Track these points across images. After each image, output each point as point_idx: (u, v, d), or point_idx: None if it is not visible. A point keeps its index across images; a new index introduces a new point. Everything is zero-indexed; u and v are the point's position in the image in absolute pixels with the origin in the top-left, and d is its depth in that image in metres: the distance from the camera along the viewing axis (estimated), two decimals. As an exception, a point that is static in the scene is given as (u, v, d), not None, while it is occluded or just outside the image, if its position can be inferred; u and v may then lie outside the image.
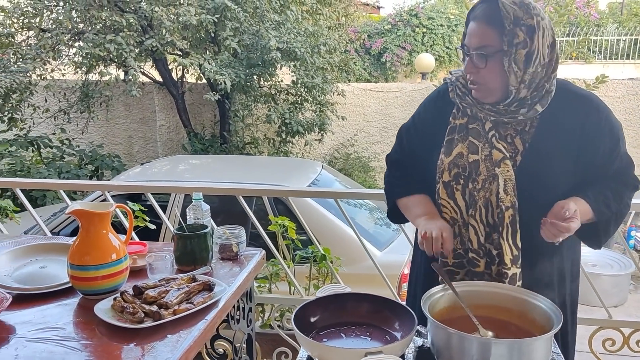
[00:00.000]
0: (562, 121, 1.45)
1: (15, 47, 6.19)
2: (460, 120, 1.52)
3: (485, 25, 1.40)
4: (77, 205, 1.46)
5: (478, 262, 1.49)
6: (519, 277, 1.45)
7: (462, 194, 1.49)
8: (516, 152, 1.46)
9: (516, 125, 1.47)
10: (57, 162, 6.69)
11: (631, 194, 1.52)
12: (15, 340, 1.26)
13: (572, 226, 1.33)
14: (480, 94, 1.46)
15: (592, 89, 6.24)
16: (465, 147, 1.49)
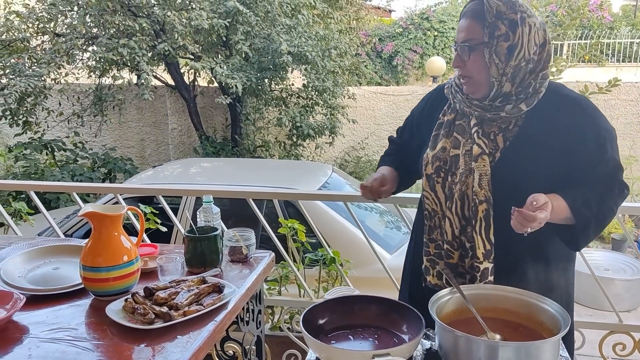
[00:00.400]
0: (548, 122, 1.47)
1: (30, 51, 6.26)
2: (449, 116, 1.59)
3: (470, 20, 1.47)
4: (89, 208, 1.48)
5: (452, 254, 1.54)
6: (490, 272, 1.48)
7: (442, 187, 1.55)
8: (496, 149, 1.50)
9: (501, 123, 1.51)
10: (71, 165, 6.76)
11: (617, 199, 1.50)
12: (29, 340, 1.28)
13: (539, 216, 1.31)
14: (469, 88, 1.51)
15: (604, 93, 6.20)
16: (449, 142, 1.55)
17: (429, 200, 1.58)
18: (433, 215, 1.58)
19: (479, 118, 1.51)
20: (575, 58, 9.98)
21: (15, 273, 1.59)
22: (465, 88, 1.52)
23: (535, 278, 1.51)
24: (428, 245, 1.59)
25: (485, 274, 1.48)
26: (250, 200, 2.61)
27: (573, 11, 6.63)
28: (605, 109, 7.37)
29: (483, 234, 1.47)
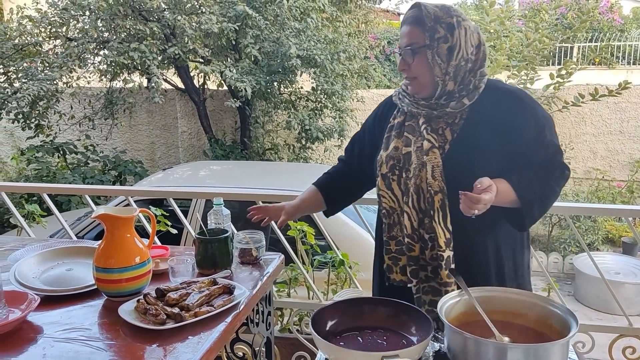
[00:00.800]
0: (489, 113, 1.58)
1: (42, 55, 6.31)
2: (398, 119, 1.69)
3: (410, 26, 1.59)
4: (102, 210, 1.51)
5: (413, 247, 1.62)
6: (452, 259, 1.56)
7: (398, 184, 1.63)
8: (445, 142, 1.59)
9: (447, 118, 1.62)
10: (82, 168, 6.81)
11: (559, 180, 1.61)
12: (43, 340, 1.30)
13: (483, 197, 1.41)
14: (414, 89, 1.62)
15: (614, 95, 6.17)
16: (400, 142, 1.65)
17: (385, 199, 1.67)
18: (391, 213, 1.66)
19: (427, 117, 1.63)
20: (586, 61, 9.92)
21: (29, 274, 1.61)
22: (411, 89, 1.64)
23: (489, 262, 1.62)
24: (389, 243, 1.68)
25: (448, 262, 1.57)
26: (261, 203, 2.62)
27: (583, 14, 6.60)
28: (616, 111, 7.32)
29: (442, 223, 1.57)
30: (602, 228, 6.46)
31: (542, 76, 6.54)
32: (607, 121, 7.40)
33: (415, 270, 1.62)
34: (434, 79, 1.58)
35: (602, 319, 4.72)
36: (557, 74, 6.39)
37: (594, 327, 2.48)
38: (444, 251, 1.56)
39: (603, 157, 7.48)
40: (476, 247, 1.61)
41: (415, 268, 1.62)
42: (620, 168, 7.46)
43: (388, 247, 1.67)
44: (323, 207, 1.94)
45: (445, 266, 1.56)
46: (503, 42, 6.33)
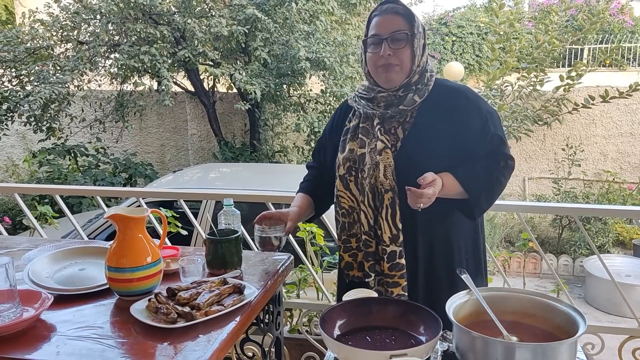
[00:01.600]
0: (437, 110, 1.66)
1: (54, 59, 6.39)
2: (353, 122, 1.75)
3: (395, 15, 1.64)
4: (114, 210, 1.52)
5: (370, 243, 1.69)
6: (399, 255, 1.63)
7: (355, 184, 1.69)
8: (397, 140, 1.65)
9: (399, 117, 1.68)
10: (93, 170, 6.87)
11: (504, 170, 1.67)
12: (57, 338, 1.32)
13: (426, 192, 1.49)
14: (395, 76, 1.65)
15: (625, 97, 6.13)
16: (355, 144, 1.71)
17: (344, 199, 1.73)
18: (351, 212, 1.73)
19: (381, 117, 1.68)
20: (596, 62, 9.87)
21: (42, 273, 1.63)
22: (387, 76, 1.65)
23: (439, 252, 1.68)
24: (349, 240, 1.74)
25: (392, 256, 1.63)
26: (270, 204, 2.64)
27: (593, 15, 6.57)
28: (626, 113, 7.28)
29: (389, 220, 1.63)
30: (612, 230, 6.42)
31: (552, 78, 6.52)
32: (617, 123, 7.36)
33: (372, 265, 1.69)
34: (411, 68, 1.65)
35: (612, 321, 4.69)
36: (567, 75, 6.37)
37: (603, 329, 2.48)
38: (388, 246, 1.63)
39: (614, 159, 7.44)
40: (425, 241, 1.67)
41: (373, 263, 1.69)
42: (631, 170, 7.41)
43: (348, 245, 1.74)
44: (313, 211, 1.96)
45: (389, 260, 1.64)
46: (512, 44, 6.32)
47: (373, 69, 1.68)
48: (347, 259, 1.75)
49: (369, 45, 1.67)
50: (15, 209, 6.87)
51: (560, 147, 7.34)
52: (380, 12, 1.67)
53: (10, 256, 1.44)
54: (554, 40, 6.21)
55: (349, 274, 1.76)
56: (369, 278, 1.71)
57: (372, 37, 1.66)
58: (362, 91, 1.76)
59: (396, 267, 1.64)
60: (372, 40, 1.66)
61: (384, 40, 1.62)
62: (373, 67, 1.68)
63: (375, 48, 1.65)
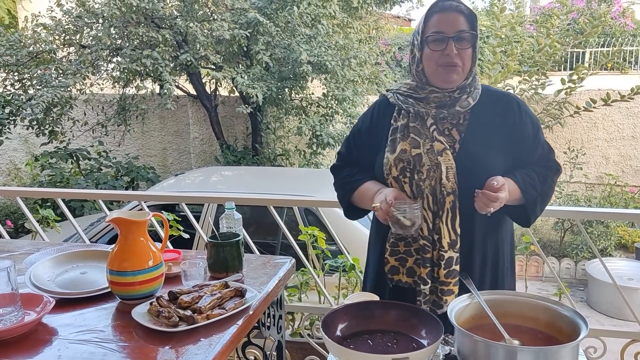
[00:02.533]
0: (490, 114, 1.65)
1: (56, 62, 6.40)
2: (402, 121, 1.67)
3: (457, 14, 1.59)
4: (116, 214, 1.53)
5: (428, 248, 1.61)
6: (455, 261, 1.58)
7: (410, 186, 1.62)
8: (454, 142, 1.62)
9: (451, 119, 1.65)
10: (95, 174, 6.88)
11: (554, 176, 1.70)
12: (58, 342, 1.32)
13: (500, 196, 1.48)
14: (456, 77, 1.61)
15: (627, 100, 6.13)
16: (407, 144, 1.63)
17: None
18: None
19: (435, 117, 1.63)
20: (598, 66, 9.87)
21: (44, 277, 1.63)
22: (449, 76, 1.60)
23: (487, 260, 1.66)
24: (396, 244, 1.66)
25: (449, 263, 1.59)
26: (271, 208, 2.64)
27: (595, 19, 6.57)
28: (628, 116, 7.27)
29: (449, 224, 1.58)
30: (614, 233, 6.41)
31: (554, 81, 6.52)
32: (619, 126, 7.35)
33: (429, 271, 1.61)
34: (470, 70, 1.62)
35: (615, 325, 4.67)
36: (569, 79, 6.36)
37: (605, 332, 2.47)
38: (446, 252, 1.58)
39: (615, 162, 7.43)
40: (479, 247, 1.64)
41: (429, 269, 1.61)
42: (632, 173, 7.39)
43: (395, 249, 1.66)
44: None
45: (446, 266, 1.59)
46: (514, 48, 6.32)
47: (432, 67, 1.61)
48: (393, 262, 1.67)
49: (429, 42, 1.59)
50: (18, 212, 6.88)
51: (562, 150, 7.33)
52: (443, 9, 1.60)
53: (12, 260, 1.44)
54: (556, 43, 6.21)
55: (393, 278, 1.68)
56: (426, 285, 1.61)
57: (435, 34, 1.58)
58: (408, 89, 1.69)
59: (452, 274, 1.59)
60: (435, 37, 1.58)
61: (449, 38, 1.56)
62: (433, 65, 1.61)
63: (438, 45, 1.58)
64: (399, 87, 1.73)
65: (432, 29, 1.59)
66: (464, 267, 1.61)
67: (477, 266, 1.64)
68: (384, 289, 1.72)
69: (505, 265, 1.70)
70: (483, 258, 1.65)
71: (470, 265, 1.63)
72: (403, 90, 1.71)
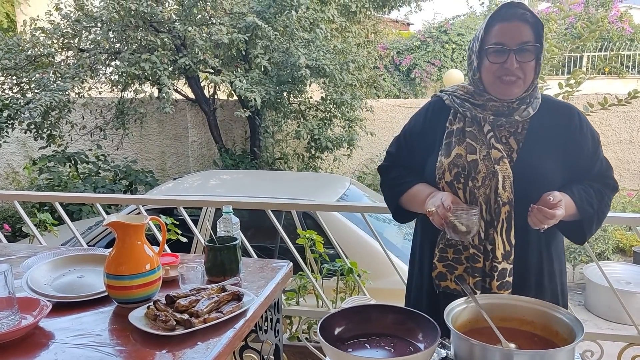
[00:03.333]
0: (549, 125, 1.59)
1: (55, 66, 6.40)
2: (457, 124, 1.62)
3: (521, 23, 1.52)
4: (113, 218, 1.53)
5: (479, 258, 1.57)
6: (509, 273, 1.54)
7: (464, 192, 1.57)
8: (512, 151, 1.57)
9: (509, 127, 1.59)
10: (93, 177, 6.88)
11: (611, 194, 1.66)
12: (55, 346, 1.32)
13: (557, 213, 1.43)
14: (514, 90, 1.55)
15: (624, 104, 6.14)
16: (463, 149, 1.58)
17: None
18: None
19: (492, 124, 1.58)
20: (595, 70, 9.90)
21: (41, 281, 1.63)
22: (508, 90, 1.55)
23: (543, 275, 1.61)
24: (445, 250, 1.61)
25: (502, 274, 1.54)
26: (269, 212, 2.64)
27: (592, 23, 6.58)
28: (626, 120, 7.29)
29: (504, 235, 1.54)
30: (612, 237, 6.41)
31: (551, 86, 6.53)
32: (616, 130, 7.37)
33: (478, 281, 1.57)
34: (532, 82, 1.56)
35: (612, 328, 4.67)
36: (566, 83, 6.37)
37: (602, 336, 2.47)
38: (500, 263, 1.54)
39: (613, 166, 7.40)
40: (536, 259, 1.60)
41: (479, 279, 1.57)
42: (630, 177, 7.41)
43: (444, 255, 1.61)
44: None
45: (499, 278, 1.54)
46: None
47: (490, 78, 1.56)
48: (441, 269, 1.62)
49: (489, 54, 1.53)
50: (15, 216, 6.87)
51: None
52: (506, 18, 1.52)
53: (9, 263, 1.44)
54: (553, 48, 6.22)
55: (440, 284, 1.64)
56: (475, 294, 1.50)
57: (496, 45, 1.52)
58: (465, 94, 1.64)
59: (505, 285, 1.55)
60: (495, 49, 1.52)
61: (511, 51, 1.50)
62: (491, 76, 1.55)
63: (498, 57, 1.52)
64: (455, 90, 1.67)
65: (493, 39, 1.53)
66: (518, 280, 1.56)
67: (532, 280, 1.60)
68: (431, 294, 1.68)
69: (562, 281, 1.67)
70: (539, 271, 1.61)
71: (525, 279, 1.59)
72: (459, 93, 1.65)
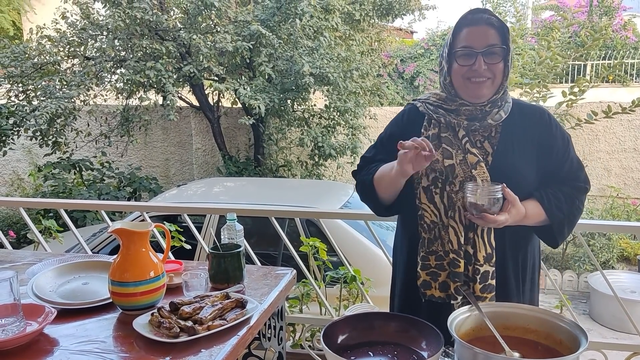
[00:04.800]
0: (521, 127, 1.63)
1: (60, 74, 6.44)
2: (432, 130, 1.64)
3: (488, 27, 1.56)
4: (118, 225, 1.53)
5: (459, 262, 1.58)
6: (491, 275, 1.56)
7: (441, 197, 1.59)
8: (487, 154, 1.60)
9: (483, 131, 1.63)
10: (98, 184, 6.89)
11: (582, 197, 1.67)
12: (59, 352, 1.32)
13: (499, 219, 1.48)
14: (485, 91, 1.58)
15: (628, 113, 6.14)
16: (439, 154, 1.60)
17: (427, 212, 1.61)
18: (433, 227, 1.61)
19: (467, 129, 1.61)
20: (599, 78, 9.90)
21: (46, 287, 1.64)
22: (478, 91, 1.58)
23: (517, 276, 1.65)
24: (427, 258, 1.62)
25: (485, 277, 1.57)
26: (273, 219, 2.65)
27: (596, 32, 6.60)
28: (629, 129, 7.28)
29: (485, 237, 1.57)
30: (617, 246, 6.39)
31: (555, 94, 6.54)
32: (620, 139, 7.36)
33: (460, 286, 1.58)
34: (502, 84, 1.60)
35: (617, 337, 4.65)
36: (570, 91, 6.38)
37: (606, 345, 2.46)
38: (482, 266, 1.57)
39: (617, 174, 7.43)
40: (512, 261, 1.63)
41: (460, 284, 1.58)
42: (634, 186, 7.39)
43: (426, 263, 1.62)
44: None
45: (481, 281, 1.57)
46: (515, 60, 6.35)
47: (460, 80, 1.59)
48: (425, 277, 1.63)
49: (458, 57, 1.57)
50: (20, 222, 6.89)
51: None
52: (472, 23, 1.57)
53: (15, 270, 1.45)
54: (557, 56, 6.24)
55: (425, 293, 1.64)
56: (455, 300, 1.58)
57: (464, 48, 1.56)
58: (438, 100, 1.66)
59: (487, 288, 1.57)
60: (463, 52, 1.56)
61: (478, 53, 1.55)
62: (460, 79, 1.59)
63: (466, 60, 1.56)
64: (428, 97, 1.70)
65: (461, 43, 1.57)
66: (499, 282, 1.59)
67: (512, 281, 1.63)
68: (417, 304, 1.67)
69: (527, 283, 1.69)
70: (518, 272, 1.64)
71: (505, 280, 1.61)
72: (432, 100, 1.68)
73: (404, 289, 1.75)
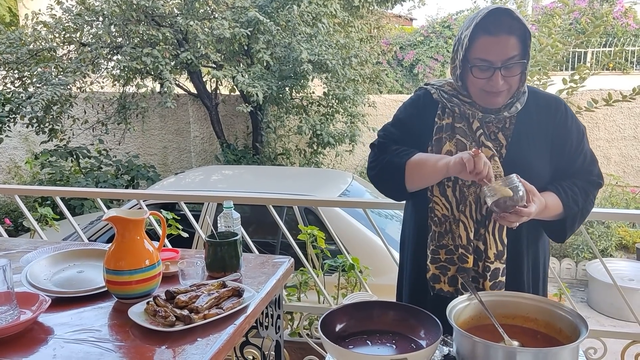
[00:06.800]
0: (536, 118, 1.59)
1: (56, 60, 6.39)
2: (446, 120, 1.59)
3: (508, 37, 1.46)
4: (113, 212, 1.51)
5: (467, 258, 1.55)
6: (502, 272, 1.53)
7: (453, 191, 1.56)
8: (501, 146, 1.56)
9: (497, 122, 1.57)
10: (95, 172, 6.87)
11: (595, 191, 1.64)
12: (54, 341, 1.31)
13: (531, 210, 1.43)
14: (501, 100, 1.53)
15: (628, 100, 6.11)
16: (453, 145, 1.56)
17: (439, 205, 1.58)
18: (444, 221, 1.58)
19: (481, 121, 1.57)
20: (599, 66, 9.86)
21: (40, 276, 1.62)
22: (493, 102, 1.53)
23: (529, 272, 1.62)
24: (437, 252, 1.59)
25: (495, 274, 1.53)
26: (271, 207, 2.63)
27: (597, 19, 6.55)
28: (630, 117, 7.26)
29: (496, 234, 1.53)
30: (615, 234, 6.40)
31: (555, 81, 6.51)
32: (620, 126, 7.34)
33: (462, 277, 1.55)
34: (517, 90, 1.55)
35: (615, 325, 4.66)
36: (570, 79, 6.35)
37: (605, 333, 2.45)
38: (492, 263, 1.53)
39: (617, 162, 7.42)
40: (522, 258, 1.60)
41: (471, 280, 1.55)
42: (634, 173, 7.39)
43: (436, 256, 1.59)
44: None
45: (492, 278, 1.54)
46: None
47: (475, 90, 1.54)
48: (434, 271, 1.60)
49: (473, 69, 1.50)
50: (17, 210, 6.88)
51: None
52: (492, 32, 1.45)
53: (9, 258, 1.43)
54: (557, 43, 6.19)
55: (434, 286, 1.61)
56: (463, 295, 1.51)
57: (481, 61, 1.48)
58: (452, 89, 1.61)
59: (498, 285, 1.54)
60: (480, 66, 1.48)
61: (496, 69, 1.46)
62: (476, 89, 1.54)
63: (483, 74, 1.49)
64: (442, 85, 1.64)
65: (478, 54, 1.48)
66: (512, 279, 1.56)
67: (525, 279, 1.60)
68: (425, 297, 1.65)
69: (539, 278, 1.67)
70: (531, 269, 1.61)
71: (519, 278, 1.59)
72: (447, 89, 1.62)
73: (412, 280, 1.72)
